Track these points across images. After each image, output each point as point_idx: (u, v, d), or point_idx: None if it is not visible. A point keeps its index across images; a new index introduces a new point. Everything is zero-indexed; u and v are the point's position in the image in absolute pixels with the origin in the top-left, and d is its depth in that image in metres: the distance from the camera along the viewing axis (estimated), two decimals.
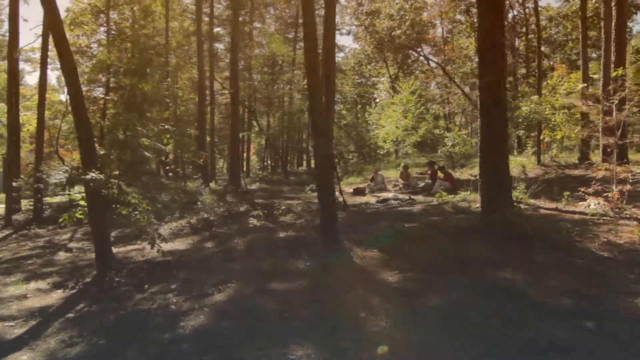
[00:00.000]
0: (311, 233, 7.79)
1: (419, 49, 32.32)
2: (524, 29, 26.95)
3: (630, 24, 25.12)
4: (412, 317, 3.77)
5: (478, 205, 9.72)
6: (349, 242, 6.50)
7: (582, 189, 8.37)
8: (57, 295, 5.74)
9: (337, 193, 8.19)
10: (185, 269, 6.35)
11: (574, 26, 29.52)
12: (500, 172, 6.81)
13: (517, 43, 28.21)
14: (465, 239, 6.39)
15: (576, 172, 14.26)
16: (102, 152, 6.81)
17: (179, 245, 8.31)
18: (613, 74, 9.78)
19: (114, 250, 7.41)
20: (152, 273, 6.33)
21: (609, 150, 8.82)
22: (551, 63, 27.49)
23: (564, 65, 20.06)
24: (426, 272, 4.97)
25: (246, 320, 4.08)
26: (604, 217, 7.52)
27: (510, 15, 25.74)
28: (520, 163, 15.05)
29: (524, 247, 5.75)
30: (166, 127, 7.17)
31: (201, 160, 18.16)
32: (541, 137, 17.23)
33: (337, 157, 21.25)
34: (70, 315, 4.85)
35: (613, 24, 12.29)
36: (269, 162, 37.34)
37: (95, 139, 6.86)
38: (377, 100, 30.50)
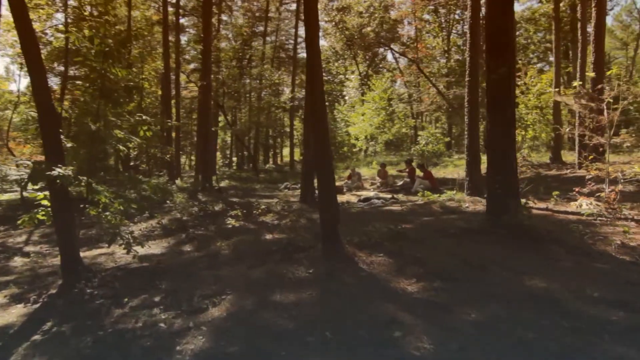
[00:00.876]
0: (301, 235, 7.25)
1: (387, 47, 32.26)
2: None
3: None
4: (456, 336, 3.27)
5: (467, 204, 9.49)
6: (349, 245, 5.98)
7: (577, 189, 8.23)
8: (18, 312, 4.89)
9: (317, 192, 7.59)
10: (167, 278, 5.64)
11: (537, 29, 30.31)
12: (510, 171, 6.43)
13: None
14: (472, 241, 6.01)
15: (552, 172, 14.42)
16: (69, 145, 5.96)
17: (154, 249, 7.55)
18: (608, 73, 9.77)
19: (80, 254, 6.55)
20: (129, 282, 5.58)
21: (601, 149, 8.73)
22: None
23: (534, 67, 20.41)
24: (446, 279, 4.51)
25: (257, 341, 3.47)
26: (600, 218, 7.38)
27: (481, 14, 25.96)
28: None
29: (541, 250, 5.42)
30: (143, 117, 6.37)
31: (168, 156, 17.26)
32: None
33: None
34: (37, 337, 4.05)
35: (593, 24, 12.39)
36: (234, 159, 36.33)
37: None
38: (347, 97, 30.21)
